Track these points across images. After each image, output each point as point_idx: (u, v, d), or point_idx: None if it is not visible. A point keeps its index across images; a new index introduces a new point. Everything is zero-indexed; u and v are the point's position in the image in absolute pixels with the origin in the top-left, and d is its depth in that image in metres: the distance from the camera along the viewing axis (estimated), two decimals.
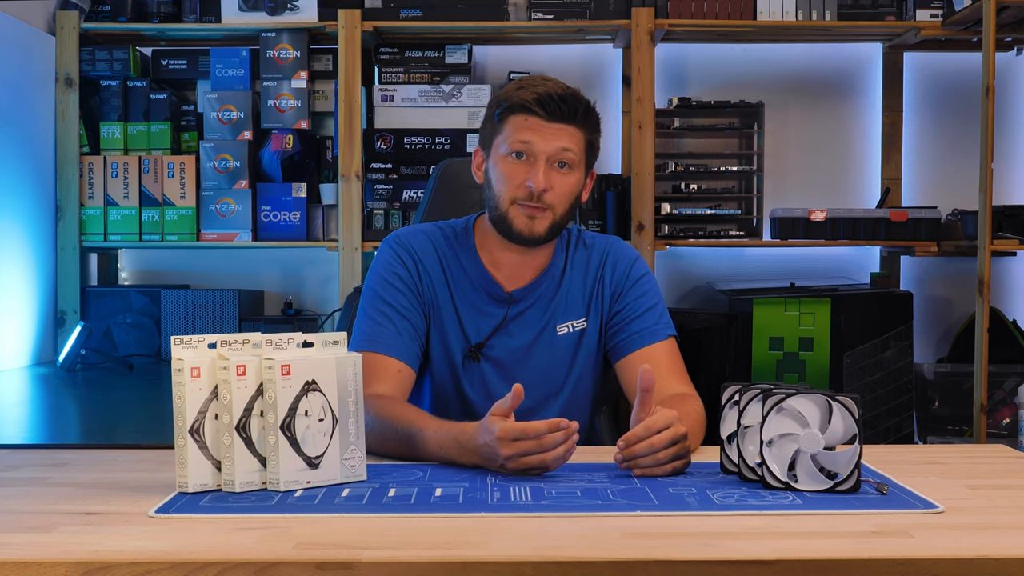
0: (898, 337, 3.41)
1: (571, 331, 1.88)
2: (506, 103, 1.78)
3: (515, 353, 1.86)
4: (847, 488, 1.37)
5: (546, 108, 1.74)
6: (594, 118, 1.81)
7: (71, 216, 3.41)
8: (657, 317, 1.87)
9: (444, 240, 1.88)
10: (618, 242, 1.95)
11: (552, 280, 1.88)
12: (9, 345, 3.14)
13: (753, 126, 3.56)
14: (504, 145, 1.77)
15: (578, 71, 3.69)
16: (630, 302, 1.87)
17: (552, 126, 1.75)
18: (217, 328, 3.39)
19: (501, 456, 1.45)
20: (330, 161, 3.55)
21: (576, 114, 1.76)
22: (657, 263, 3.56)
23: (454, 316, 1.85)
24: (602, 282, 1.89)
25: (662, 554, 1.11)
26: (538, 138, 1.75)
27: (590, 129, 1.80)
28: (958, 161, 3.69)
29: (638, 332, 1.85)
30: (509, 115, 1.77)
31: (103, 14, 3.48)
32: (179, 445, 1.38)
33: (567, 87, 1.79)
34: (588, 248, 1.92)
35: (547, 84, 1.77)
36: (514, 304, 1.86)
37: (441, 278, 1.85)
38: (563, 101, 1.75)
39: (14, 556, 1.10)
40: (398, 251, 1.86)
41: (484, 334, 1.85)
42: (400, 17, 3.41)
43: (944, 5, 3.40)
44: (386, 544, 1.15)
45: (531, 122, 1.75)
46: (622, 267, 1.90)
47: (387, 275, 1.84)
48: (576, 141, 1.77)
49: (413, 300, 1.83)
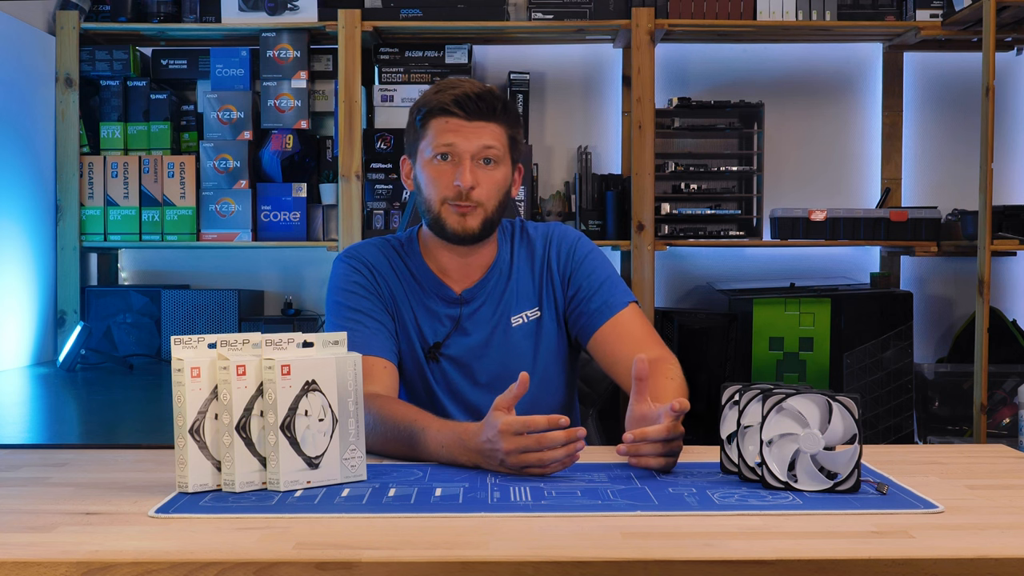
0: (898, 337, 3.41)
1: (526, 321, 1.91)
2: (425, 108, 1.83)
3: (473, 350, 1.89)
4: (847, 488, 1.37)
5: (464, 108, 1.79)
6: (513, 113, 1.86)
7: (71, 216, 3.41)
8: (612, 288, 1.90)
9: (392, 250, 1.93)
10: (559, 226, 1.98)
11: (500, 275, 1.91)
12: (9, 345, 3.14)
13: (753, 126, 3.56)
14: (428, 149, 1.82)
15: (578, 71, 3.69)
16: (583, 282, 1.91)
17: (472, 124, 1.80)
18: (217, 328, 3.39)
19: (502, 451, 1.46)
20: (330, 161, 3.55)
21: (495, 111, 1.81)
22: (657, 263, 3.56)
23: (412, 319, 1.89)
24: (549, 269, 1.93)
25: (662, 554, 1.11)
26: (460, 138, 1.80)
27: (510, 124, 1.85)
28: (958, 161, 3.69)
29: (598, 307, 1.88)
30: (430, 119, 1.82)
31: (103, 14, 3.48)
32: (179, 445, 1.38)
33: (483, 86, 1.84)
34: (531, 238, 1.95)
35: (463, 85, 1.82)
36: (466, 304, 1.89)
37: (396, 284, 1.90)
38: (480, 99, 1.80)
39: (14, 556, 1.10)
40: (351, 263, 1.90)
41: (441, 335, 1.89)
42: (400, 17, 3.41)
43: (944, 5, 3.40)
44: (386, 544, 1.15)
45: (452, 123, 1.80)
46: (566, 250, 1.93)
47: (346, 285, 1.88)
48: (498, 137, 1.82)
49: (377, 303, 1.87)
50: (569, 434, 1.46)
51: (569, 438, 1.46)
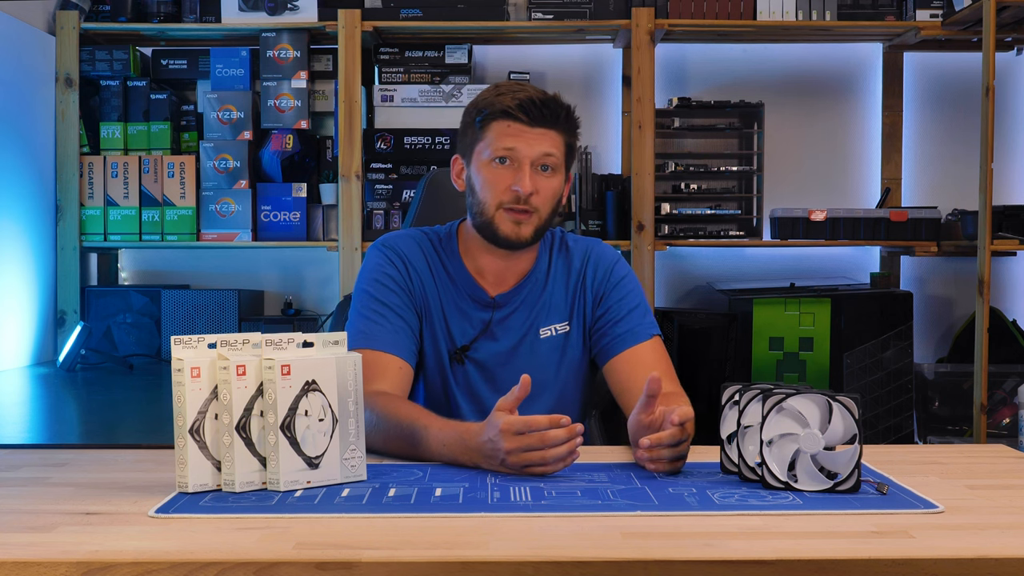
0: (898, 337, 3.41)
1: (554, 334, 1.89)
2: (487, 110, 1.80)
3: (499, 356, 1.87)
4: (847, 488, 1.37)
5: (528, 113, 1.77)
6: (573, 121, 1.83)
7: (71, 216, 3.41)
8: (640, 317, 1.88)
9: (430, 245, 1.90)
10: (599, 244, 1.97)
11: (536, 284, 1.89)
12: (9, 345, 3.14)
13: (753, 126, 3.56)
14: (487, 151, 1.79)
15: (578, 71, 3.69)
16: (612, 304, 1.89)
17: (535, 131, 1.78)
18: (217, 328, 3.39)
19: (503, 450, 1.46)
20: (330, 161, 3.55)
21: (558, 118, 1.79)
22: (657, 263, 3.56)
23: (442, 318, 1.87)
24: (583, 285, 1.91)
25: (662, 554, 1.11)
26: (522, 143, 1.77)
27: (570, 132, 1.83)
28: (958, 161, 3.69)
29: (622, 334, 1.86)
30: (491, 121, 1.80)
31: (103, 14, 3.48)
32: (179, 445, 1.38)
33: (546, 92, 1.81)
34: (570, 251, 1.94)
35: (527, 89, 1.80)
36: (498, 309, 1.87)
37: (430, 280, 1.88)
38: (545, 106, 1.78)
39: (14, 556, 1.10)
40: (387, 253, 1.88)
41: (469, 337, 1.87)
42: (400, 17, 3.41)
43: (944, 5, 3.41)
44: (386, 544, 1.15)
45: (513, 128, 1.78)
46: (603, 270, 1.92)
47: (378, 276, 1.86)
48: (557, 145, 1.80)
49: (405, 299, 1.85)
50: (570, 431, 1.46)
51: (570, 435, 1.46)
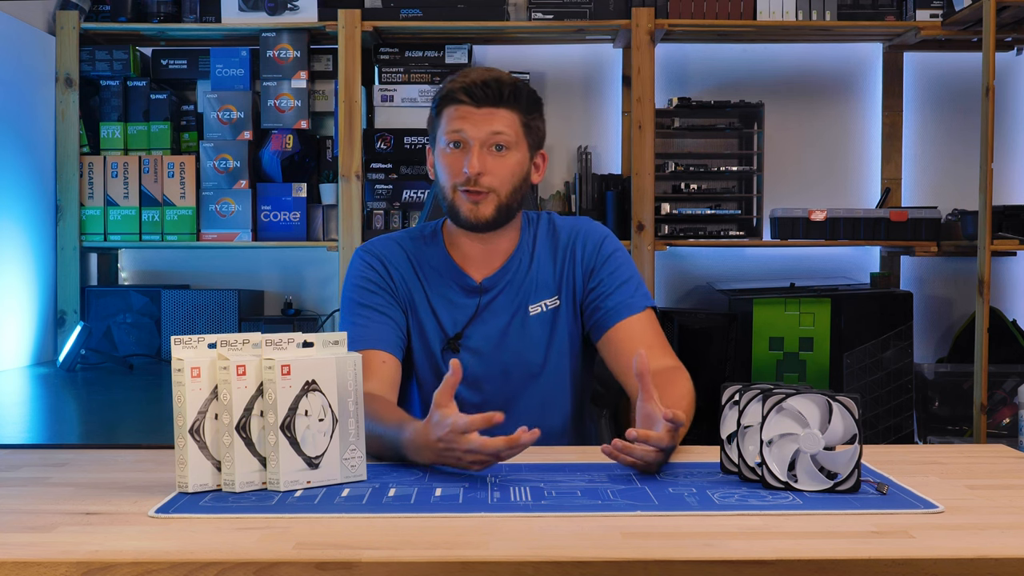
0: (898, 337, 3.41)
1: (544, 310, 1.91)
2: (438, 97, 1.85)
3: (491, 339, 1.89)
4: (847, 488, 1.37)
5: (471, 95, 1.80)
6: (525, 99, 1.84)
7: (71, 216, 3.41)
8: (632, 290, 1.89)
9: (412, 242, 1.94)
10: (588, 221, 1.98)
11: (520, 264, 1.91)
12: (9, 345, 3.14)
13: (753, 126, 3.56)
14: (442, 137, 1.84)
15: (578, 71, 3.69)
16: (604, 278, 1.90)
17: (481, 111, 1.81)
18: (217, 328, 3.39)
19: (459, 449, 1.45)
20: (330, 161, 3.55)
21: (502, 97, 1.81)
22: (657, 263, 3.56)
23: (430, 312, 1.89)
24: (572, 260, 1.92)
25: (662, 554, 1.11)
26: (468, 124, 1.81)
27: (524, 110, 1.84)
28: (958, 161, 3.69)
29: (614, 306, 1.88)
30: (443, 107, 1.84)
31: (103, 14, 3.48)
32: (179, 445, 1.38)
33: (495, 72, 1.84)
34: (557, 229, 1.95)
35: (474, 72, 1.84)
36: (485, 293, 1.90)
37: (413, 277, 1.90)
38: (486, 86, 1.81)
39: (14, 556, 1.10)
40: (365, 258, 1.92)
41: (460, 325, 1.89)
42: (400, 17, 3.41)
43: (944, 5, 3.40)
44: (386, 544, 1.15)
45: (461, 111, 1.82)
46: (592, 244, 1.93)
47: (359, 281, 1.90)
48: (509, 123, 1.82)
49: (388, 298, 1.88)
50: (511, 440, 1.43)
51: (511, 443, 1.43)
